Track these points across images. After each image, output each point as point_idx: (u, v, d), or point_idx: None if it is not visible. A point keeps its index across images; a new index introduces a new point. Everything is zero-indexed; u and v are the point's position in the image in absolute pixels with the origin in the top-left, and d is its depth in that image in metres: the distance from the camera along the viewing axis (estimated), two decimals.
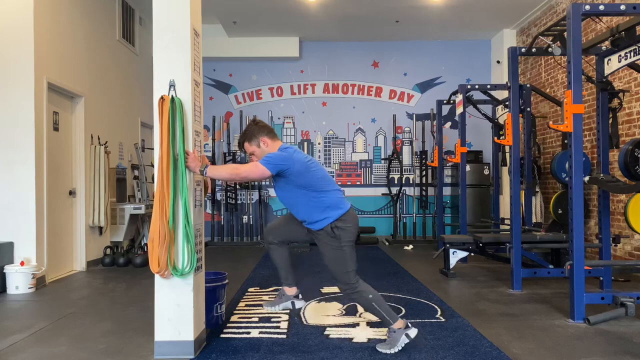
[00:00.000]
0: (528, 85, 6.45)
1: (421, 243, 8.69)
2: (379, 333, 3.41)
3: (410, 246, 8.35)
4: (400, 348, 3.06)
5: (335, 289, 4.85)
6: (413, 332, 3.10)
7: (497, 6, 7.73)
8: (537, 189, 7.01)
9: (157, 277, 3.02)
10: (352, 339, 3.33)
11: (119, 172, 7.06)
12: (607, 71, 4.50)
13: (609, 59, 4.44)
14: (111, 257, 6.41)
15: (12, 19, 5.15)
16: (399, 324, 3.09)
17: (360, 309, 4.09)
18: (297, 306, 3.43)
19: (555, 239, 5.30)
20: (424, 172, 9.14)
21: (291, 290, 3.41)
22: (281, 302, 3.41)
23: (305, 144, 9.49)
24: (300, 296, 3.45)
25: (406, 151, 9.49)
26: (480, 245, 5.55)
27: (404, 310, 4.06)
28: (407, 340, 3.07)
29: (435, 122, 8.33)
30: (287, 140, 9.35)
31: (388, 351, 3.05)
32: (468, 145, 8.77)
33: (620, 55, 4.26)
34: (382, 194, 9.33)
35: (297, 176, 3.10)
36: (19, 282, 4.86)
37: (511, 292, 4.75)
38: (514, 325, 3.69)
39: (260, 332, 3.49)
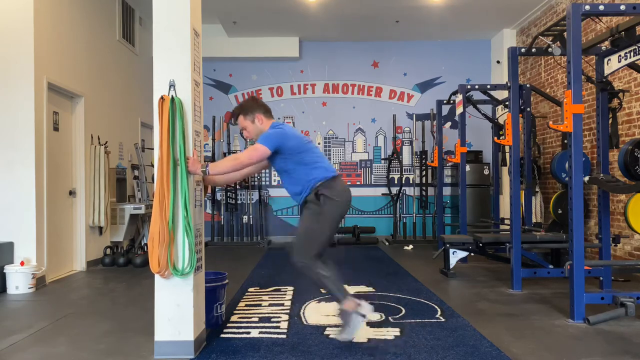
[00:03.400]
0: (528, 85, 6.45)
1: (421, 243, 8.69)
2: (379, 333, 3.42)
3: (410, 246, 8.35)
4: (356, 330, 3.09)
5: None
6: (365, 309, 3.10)
7: (497, 6, 7.73)
8: (537, 189, 7.01)
9: (157, 277, 3.02)
10: (352, 339, 3.33)
11: (119, 172, 7.06)
12: (607, 71, 4.50)
13: (609, 59, 4.44)
14: (111, 257, 6.41)
15: (12, 19, 5.15)
16: (350, 304, 3.09)
17: None
18: (366, 315, 3.13)
19: (555, 239, 5.29)
20: (424, 172, 9.14)
21: (351, 305, 3.10)
22: (349, 324, 3.10)
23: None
24: (361, 303, 3.12)
25: (406, 151, 9.49)
26: (480, 245, 5.55)
27: (404, 310, 4.06)
28: (361, 319, 3.09)
29: (435, 122, 8.33)
30: None
31: (346, 336, 3.10)
32: (468, 145, 8.77)
33: (620, 55, 4.26)
34: (382, 194, 9.33)
35: (291, 151, 3.15)
36: (19, 282, 4.86)
37: (511, 292, 4.75)
38: (514, 325, 3.69)
39: (260, 332, 3.49)
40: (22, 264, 4.92)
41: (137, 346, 3.24)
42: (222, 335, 3.42)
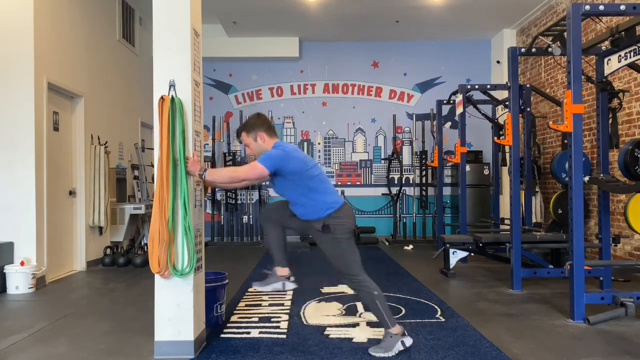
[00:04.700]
0: (528, 85, 6.45)
1: (421, 243, 8.68)
2: (379, 333, 3.41)
3: (410, 246, 8.35)
4: (394, 354, 3.02)
5: (335, 289, 4.86)
6: (408, 341, 3.07)
7: (497, 6, 7.73)
8: (537, 189, 7.01)
9: (157, 277, 3.03)
10: (352, 339, 3.33)
11: (119, 172, 7.06)
12: (607, 71, 4.50)
13: (609, 59, 4.44)
14: (111, 257, 6.41)
15: (12, 19, 5.15)
16: (397, 329, 3.06)
17: (360, 308, 4.09)
18: (287, 287, 3.27)
19: (555, 239, 5.29)
20: (424, 172, 9.14)
21: (284, 271, 3.26)
22: (272, 283, 3.25)
23: (305, 144, 9.49)
24: (292, 278, 3.30)
25: (406, 151, 9.49)
26: (480, 245, 5.55)
27: (404, 310, 4.06)
28: (401, 348, 3.04)
29: (435, 122, 8.33)
30: (287, 141, 9.33)
31: (383, 355, 3.02)
32: (468, 145, 8.77)
33: (620, 55, 4.26)
34: (382, 194, 9.33)
35: (292, 174, 3.11)
36: (19, 282, 4.86)
37: (511, 292, 4.75)
38: (514, 325, 3.69)
39: (260, 332, 3.49)
40: (22, 264, 4.92)
41: (137, 346, 3.24)
42: (222, 335, 3.42)
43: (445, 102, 7.75)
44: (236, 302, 4.37)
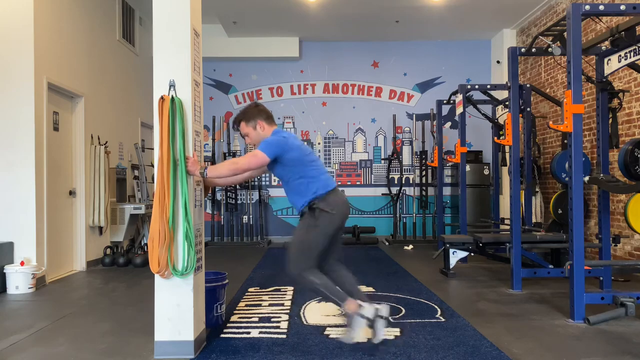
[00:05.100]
0: (528, 85, 6.45)
1: (421, 243, 8.68)
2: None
3: (410, 246, 8.35)
4: (359, 331, 3.01)
5: None
6: (368, 311, 3.00)
7: (497, 6, 7.74)
8: (537, 189, 7.01)
9: (157, 277, 3.03)
10: (352, 340, 3.32)
11: (119, 172, 7.06)
12: (607, 71, 4.50)
13: (609, 59, 4.44)
14: (111, 257, 6.41)
15: (12, 19, 5.15)
16: (352, 306, 3.04)
17: None
18: (369, 314, 3.00)
19: (555, 239, 5.30)
20: (424, 172, 9.14)
21: (353, 305, 3.03)
22: (355, 324, 3.01)
23: (305, 144, 9.47)
24: (363, 303, 3.04)
25: (406, 151, 9.49)
26: (480, 245, 5.55)
27: (404, 310, 4.06)
28: (363, 321, 3.01)
29: (435, 122, 8.33)
30: None
31: (351, 338, 3.03)
32: (468, 145, 8.77)
33: (620, 55, 4.26)
34: (382, 194, 9.33)
35: (291, 161, 3.14)
36: (19, 282, 4.86)
37: (511, 292, 4.75)
38: (514, 325, 3.69)
39: (260, 332, 3.49)
40: (22, 264, 4.92)
41: (137, 346, 3.24)
42: (222, 335, 3.42)
43: (445, 102, 7.75)
44: (236, 302, 4.37)
